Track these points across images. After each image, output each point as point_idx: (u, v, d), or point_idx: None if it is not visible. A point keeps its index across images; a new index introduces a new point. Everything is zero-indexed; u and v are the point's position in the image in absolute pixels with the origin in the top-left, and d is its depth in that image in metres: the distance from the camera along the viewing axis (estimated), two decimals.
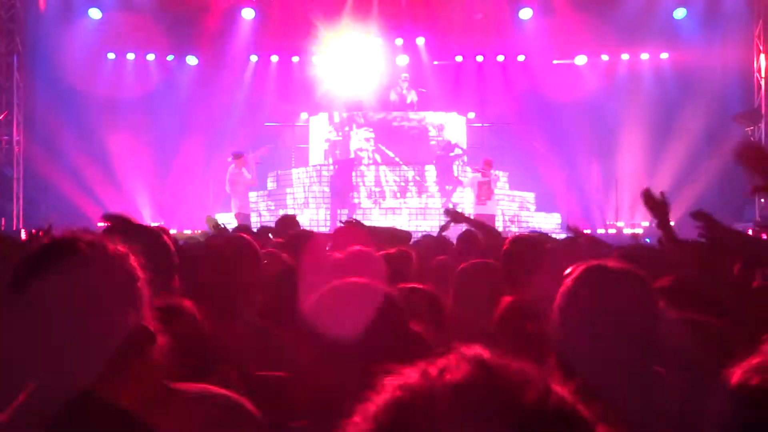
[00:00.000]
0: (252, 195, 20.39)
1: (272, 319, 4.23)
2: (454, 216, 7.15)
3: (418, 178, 19.21)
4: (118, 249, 2.03)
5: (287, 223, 8.10)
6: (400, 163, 19.44)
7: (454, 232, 7.47)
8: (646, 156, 21.09)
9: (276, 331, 4.09)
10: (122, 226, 3.89)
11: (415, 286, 3.84)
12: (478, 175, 17.42)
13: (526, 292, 4.08)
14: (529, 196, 20.51)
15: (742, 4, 20.00)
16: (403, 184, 19.22)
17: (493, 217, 17.08)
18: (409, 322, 2.64)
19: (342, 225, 7.42)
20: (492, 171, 17.44)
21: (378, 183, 19.18)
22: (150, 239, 3.87)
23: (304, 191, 19.52)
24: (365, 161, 19.65)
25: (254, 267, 4.59)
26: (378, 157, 19.90)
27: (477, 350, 1.12)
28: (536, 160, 22.04)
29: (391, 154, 19.65)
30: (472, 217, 7.76)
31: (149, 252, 3.59)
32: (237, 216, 16.83)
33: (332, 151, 20.31)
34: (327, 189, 18.97)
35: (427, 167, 19.37)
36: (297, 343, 3.62)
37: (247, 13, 22.13)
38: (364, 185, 19.03)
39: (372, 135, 19.95)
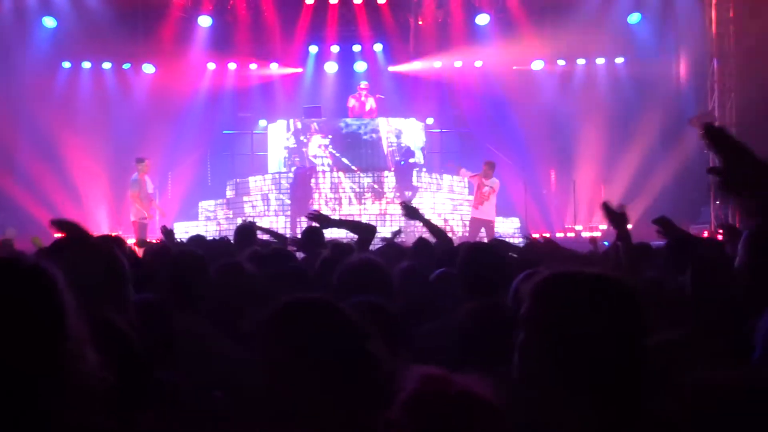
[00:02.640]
0: (210, 203, 20.32)
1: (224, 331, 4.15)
2: (408, 211, 7.03)
3: (375, 185, 19.09)
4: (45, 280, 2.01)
5: (245, 233, 7.94)
6: (355, 169, 19.34)
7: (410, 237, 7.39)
8: (603, 160, 21.15)
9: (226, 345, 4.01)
10: (71, 236, 3.80)
11: (370, 300, 3.71)
12: (476, 178, 17.26)
13: (483, 299, 4.00)
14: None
15: (695, 10, 20.14)
16: (359, 190, 19.09)
17: (491, 222, 16.95)
18: (364, 340, 2.50)
19: (309, 219, 7.39)
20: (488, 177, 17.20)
21: (335, 190, 19.04)
22: (97, 253, 3.77)
23: (263, 199, 19.33)
24: (322, 168, 19.48)
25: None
26: (331, 163, 19.74)
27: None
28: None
29: (346, 162, 19.52)
30: (427, 218, 7.56)
31: (95, 266, 3.48)
32: (134, 224, 16.64)
33: (291, 159, 20.13)
34: (285, 197, 18.80)
35: (386, 173, 19.27)
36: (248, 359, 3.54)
37: (204, 21, 21.90)
38: (319, 193, 18.89)
39: (327, 142, 19.80)
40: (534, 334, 2.20)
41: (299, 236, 12.81)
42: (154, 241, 9.38)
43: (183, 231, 17.90)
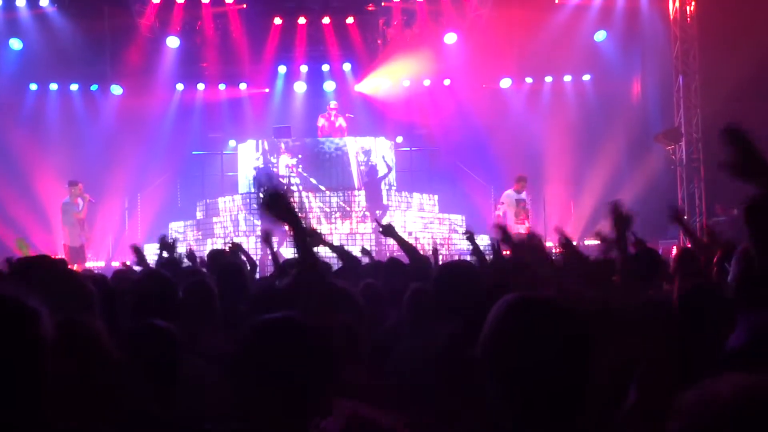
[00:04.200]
0: (179, 225, 20.17)
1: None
2: (384, 229, 6.98)
3: (344, 204, 19.04)
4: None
5: (216, 258, 7.88)
6: (324, 189, 19.29)
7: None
8: (572, 177, 21.24)
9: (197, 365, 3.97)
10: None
11: (347, 322, 3.79)
12: (512, 192, 17.04)
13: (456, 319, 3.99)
14: (459, 219, 20.49)
15: (659, 27, 20.31)
16: (328, 210, 19.01)
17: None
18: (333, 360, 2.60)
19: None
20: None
21: (303, 210, 18.93)
22: (64, 276, 3.75)
23: (233, 220, 19.21)
24: (291, 188, 19.39)
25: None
26: (299, 183, 19.66)
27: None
28: (464, 183, 22.25)
29: (314, 182, 19.48)
30: (402, 238, 7.53)
31: (63, 287, 3.45)
32: (64, 248, 16.55)
33: (264, 179, 19.98)
34: (255, 217, 18.69)
35: (355, 193, 19.23)
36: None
37: (172, 42, 21.78)
38: None
39: (295, 162, 19.74)
40: (489, 361, 2.23)
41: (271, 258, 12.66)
42: (126, 263, 9.24)
43: (153, 253, 17.68)
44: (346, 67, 23.16)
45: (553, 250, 16.06)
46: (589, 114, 21.91)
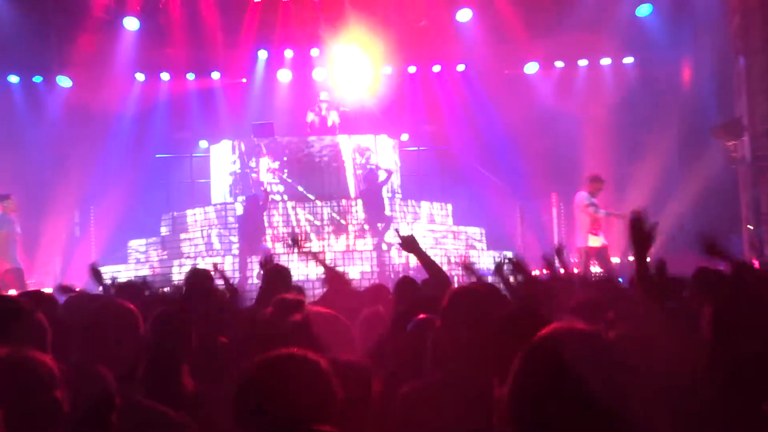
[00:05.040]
0: (141, 243, 20.24)
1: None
2: (405, 242, 6.90)
3: (338, 217, 19.00)
4: None
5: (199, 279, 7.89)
6: (313, 198, 19.28)
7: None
8: (613, 179, 21.12)
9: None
10: None
11: (345, 358, 3.89)
12: (586, 195, 16.58)
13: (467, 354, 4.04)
14: (477, 232, 20.45)
15: None
16: (319, 224, 18.98)
17: (607, 250, 16.62)
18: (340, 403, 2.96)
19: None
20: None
21: (288, 224, 18.92)
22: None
23: (205, 236, 19.17)
24: (272, 197, 19.37)
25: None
26: (283, 191, 19.66)
27: None
28: (484, 188, 22.23)
29: (301, 189, 19.45)
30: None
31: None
32: (8, 272, 16.50)
33: (238, 186, 20.01)
34: (232, 233, 18.73)
35: (353, 202, 19.17)
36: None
37: (131, 23, 21.81)
38: (271, 227, 18.78)
39: (276, 165, 19.71)
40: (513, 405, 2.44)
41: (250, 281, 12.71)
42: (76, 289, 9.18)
43: (108, 277, 17.63)
44: (340, 50, 22.92)
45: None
46: (631, 104, 21.93)
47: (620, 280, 9.43)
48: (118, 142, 22.03)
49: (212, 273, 8.24)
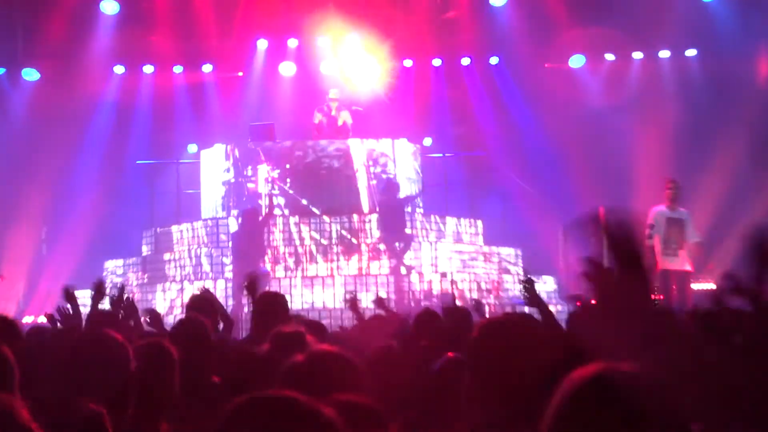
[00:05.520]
0: (118, 263, 20.41)
1: None
2: (529, 295, 7.00)
3: (349, 235, 18.88)
4: None
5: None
6: (319, 213, 19.16)
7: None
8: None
9: None
10: None
11: (354, 400, 3.84)
12: (665, 209, 15.82)
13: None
14: (512, 254, 20.32)
15: None
16: (326, 243, 18.87)
17: (689, 276, 16.18)
18: None
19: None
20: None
21: (290, 242, 18.83)
22: None
23: (193, 256, 19.07)
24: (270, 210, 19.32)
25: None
26: (284, 204, 19.56)
27: None
28: (520, 202, 22.29)
29: (305, 202, 19.34)
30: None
31: None
32: None
33: (233, 198, 19.90)
34: (225, 253, 18.64)
35: (366, 218, 19.08)
36: None
37: (109, 7, 21.77)
38: (270, 247, 18.68)
39: (277, 174, 19.59)
40: None
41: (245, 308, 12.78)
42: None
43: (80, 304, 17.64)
44: (352, 38, 22.85)
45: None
46: (695, 102, 21.79)
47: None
48: (92, 145, 22.15)
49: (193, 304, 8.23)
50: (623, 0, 20.93)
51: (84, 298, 16.10)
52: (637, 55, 22.87)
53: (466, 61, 23.13)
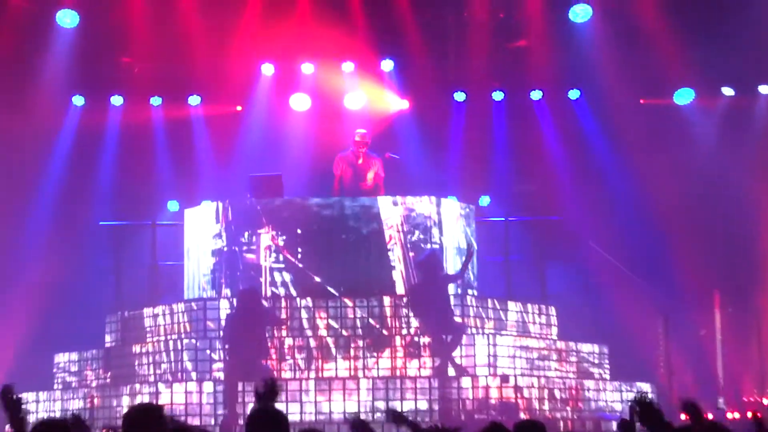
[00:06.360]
0: (72, 357, 20.24)
1: None
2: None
3: (377, 324, 18.69)
4: None
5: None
6: (336, 294, 18.99)
7: None
8: None
9: None
10: None
11: None
12: None
13: None
14: (596, 352, 20.14)
15: None
16: (348, 334, 18.66)
17: None
18: None
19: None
20: None
21: (301, 332, 18.71)
22: None
23: (171, 349, 18.84)
24: (276, 290, 19.18)
25: None
26: (293, 281, 19.38)
27: None
28: (606, 283, 22.31)
29: (319, 280, 19.16)
30: None
31: None
32: None
33: (225, 273, 19.71)
34: (207, 343, 18.49)
35: (402, 301, 18.82)
36: None
37: (67, 18, 21.85)
38: (274, 337, 18.49)
39: (282, 242, 19.46)
40: None
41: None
42: None
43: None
44: (387, 65, 23.22)
45: None
46: None
47: None
48: (43, 199, 22.32)
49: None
50: (747, 21, 20.94)
51: (28, 402, 16.13)
52: (764, 89, 22.95)
53: (536, 95, 23.22)
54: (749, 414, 16.32)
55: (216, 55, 22.55)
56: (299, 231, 19.51)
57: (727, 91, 22.90)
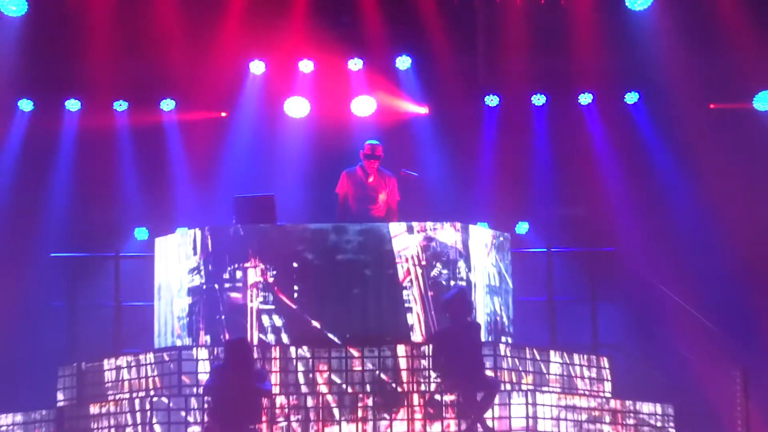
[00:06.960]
0: (16, 419, 20.05)
1: None
2: None
3: (390, 380, 18.49)
4: None
5: None
6: (339, 342, 18.86)
7: None
8: None
9: None
10: None
11: None
12: None
13: None
14: (659, 412, 19.95)
15: None
16: (354, 391, 18.45)
17: None
18: None
19: None
20: None
21: (297, 389, 18.55)
22: None
23: (137, 409, 18.67)
24: (266, 339, 19.04)
25: None
26: (281, 324, 19.23)
27: None
28: (672, 331, 22.41)
29: (318, 325, 19.01)
30: None
31: None
32: None
33: (203, 316, 19.55)
34: (182, 403, 18.26)
35: (422, 351, 18.62)
36: None
37: (12, 5, 22.02)
38: (264, 395, 18.38)
39: (272, 278, 19.30)
40: None
41: None
42: None
43: None
44: (403, 62, 23.43)
45: None
46: None
47: None
48: None
49: None
50: None
51: None
52: None
53: (586, 99, 23.31)
54: None
55: (194, 50, 22.70)
56: (294, 265, 19.32)
57: None
